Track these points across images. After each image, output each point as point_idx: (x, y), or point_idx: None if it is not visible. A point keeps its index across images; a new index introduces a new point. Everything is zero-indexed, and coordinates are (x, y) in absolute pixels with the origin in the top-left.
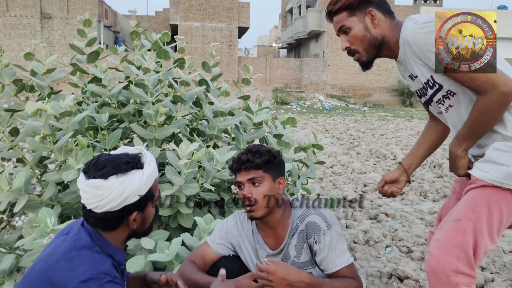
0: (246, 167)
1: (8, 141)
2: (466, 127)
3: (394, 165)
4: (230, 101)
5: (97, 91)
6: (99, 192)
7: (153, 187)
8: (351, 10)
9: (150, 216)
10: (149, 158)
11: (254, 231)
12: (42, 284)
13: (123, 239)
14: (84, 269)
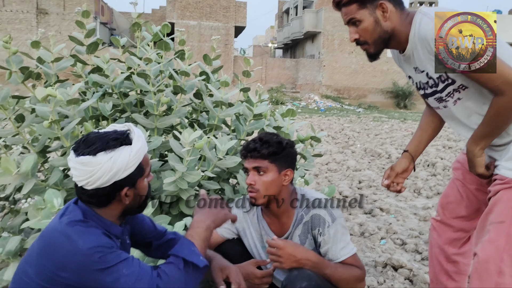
0: (253, 156)
1: (14, 127)
2: (483, 126)
3: (389, 164)
4: (230, 92)
5: (99, 81)
6: (88, 168)
7: (143, 162)
8: (361, 3)
9: (143, 191)
10: (137, 134)
11: (259, 217)
12: (45, 262)
13: (117, 214)
14: (83, 243)
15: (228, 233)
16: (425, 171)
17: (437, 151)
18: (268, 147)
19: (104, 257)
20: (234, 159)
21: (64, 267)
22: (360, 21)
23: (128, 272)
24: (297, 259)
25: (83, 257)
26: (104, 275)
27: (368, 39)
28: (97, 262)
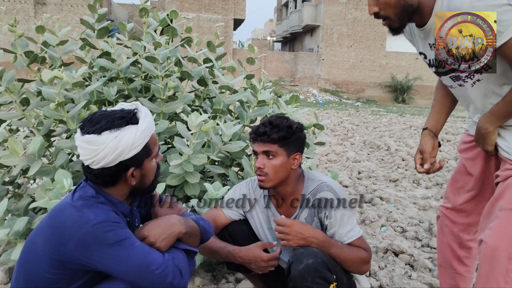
0: (262, 140)
1: (20, 110)
2: (505, 105)
3: (388, 155)
4: (235, 78)
5: (106, 66)
6: (93, 147)
7: (150, 142)
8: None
9: (150, 172)
10: (144, 113)
11: (266, 200)
12: (53, 231)
13: (124, 194)
14: (94, 216)
15: (235, 214)
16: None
17: None
18: (278, 132)
19: (115, 232)
20: (239, 144)
21: (70, 236)
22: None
23: (139, 244)
24: (304, 236)
25: (93, 229)
26: (115, 248)
27: (391, 13)
28: (108, 237)
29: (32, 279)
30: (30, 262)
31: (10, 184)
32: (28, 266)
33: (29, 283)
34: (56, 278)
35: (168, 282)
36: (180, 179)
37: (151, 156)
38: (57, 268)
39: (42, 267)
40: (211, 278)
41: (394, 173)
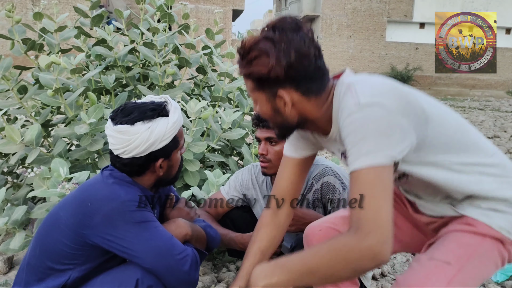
0: (265, 126)
1: (17, 98)
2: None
3: None
4: (234, 65)
5: (103, 53)
6: (125, 137)
7: (178, 134)
8: (258, 84)
9: (176, 163)
10: (174, 106)
11: (268, 185)
12: (80, 204)
13: (150, 184)
14: (125, 193)
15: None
16: None
17: None
18: None
19: (142, 213)
20: (238, 132)
21: (99, 210)
22: (255, 102)
23: (163, 228)
24: (307, 221)
25: (121, 205)
26: (141, 228)
27: (270, 122)
28: (135, 215)
29: (49, 253)
30: (49, 235)
31: (9, 174)
32: (47, 239)
33: (45, 256)
34: (74, 253)
35: (186, 270)
36: None
37: (178, 147)
38: (77, 243)
39: (62, 241)
40: (211, 267)
41: None
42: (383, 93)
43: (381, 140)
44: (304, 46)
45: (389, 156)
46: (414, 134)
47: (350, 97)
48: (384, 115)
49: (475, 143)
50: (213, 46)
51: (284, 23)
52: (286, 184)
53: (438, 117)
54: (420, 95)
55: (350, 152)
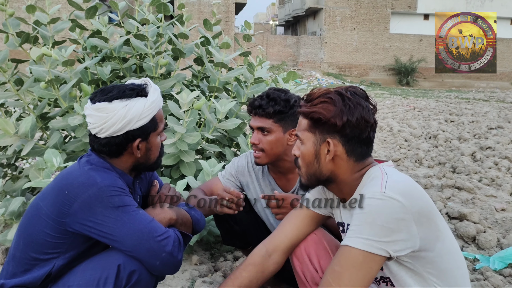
0: (257, 113)
1: (14, 90)
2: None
3: (390, 136)
4: (230, 55)
5: (98, 45)
6: (103, 114)
7: (157, 117)
8: (314, 124)
9: (155, 148)
10: (154, 87)
11: (265, 173)
12: (58, 193)
13: (128, 167)
14: (101, 179)
15: (232, 184)
16: (427, 143)
17: (439, 124)
18: (274, 105)
19: (120, 197)
20: (234, 121)
21: (76, 197)
22: (302, 142)
23: (142, 212)
24: None
25: (99, 191)
26: (119, 212)
27: (303, 167)
28: (113, 200)
29: (32, 244)
30: (31, 226)
31: (8, 166)
32: (29, 230)
33: (29, 247)
34: (56, 242)
35: (168, 251)
36: (175, 159)
37: (157, 131)
38: (58, 232)
39: (43, 231)
40: (209, 256)
41: (396, 153)
42: (410, 197)
43: (384, 232)
44: (367, 113)
45: (384, 251)
46: (418, 242)
47: (378, 183)
48: (398, 212)
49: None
50: (211, 37)
51: (356, 89)
52: (290, 230)
53: (450, 246)
54: (444, 222)
55: (352, 228)
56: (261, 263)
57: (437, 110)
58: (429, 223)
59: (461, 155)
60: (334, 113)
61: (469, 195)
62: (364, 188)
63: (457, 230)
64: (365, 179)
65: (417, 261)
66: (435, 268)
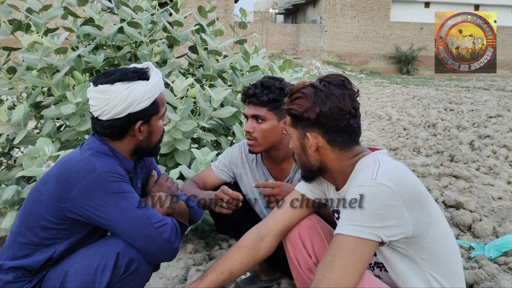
0: (251, 102)
1: (6, 78)
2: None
3: (389, 125)
4: (224, 42)
5: (92, 33)
6: (105, 96)
7: (159, 100)
8: (294, 121)
9: (157, 131)
10: (155, 71)
11: (259, 163)
12: (59, 178)
13: (130, 150)
14: (101, 165)
15: (225, 175)
16: (425, 132)
17: (438, 113)
18: (268, 94)
19: (119, 184)
20: (229, 109)
21: (76, 182)
22: (290, 136)
23: (140, 199)
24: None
25: (98, 177)
26: (118, 198)
27: (297, 160)
28: (112, 186)
29: (33, 229)
30: (32, 211)
31: (3, 155)
32: (30, 215)
33: (30, 232)
34: (57, 228)
35: (166, 238)
36: (170, 147)
37: (158, 114)
38: (58, 217)
39: (44, 217)
40: (204, 245)
41: (395, 141)
42: (400, 183)
43: (375, 219)
44: (341, 101)
45: (376, 235)
46: (411, 227)
47: (370, 170)
48: (389, 199)
49: (461, 280)
50: (205, 25)
51: (332, 79)
52: (284, 215)
53: (443, 231)
54: (437, 208)
55: (343, 216)
56: (253, 246)
57: (437, 98)
58: (421, 209)
59: (459, 144)
60: (307, 107)
61: (466, 183)
62: (356, 177)
63: (453, 219)
64: (357, 167)
65: (410, 246)
66: (428, 254)
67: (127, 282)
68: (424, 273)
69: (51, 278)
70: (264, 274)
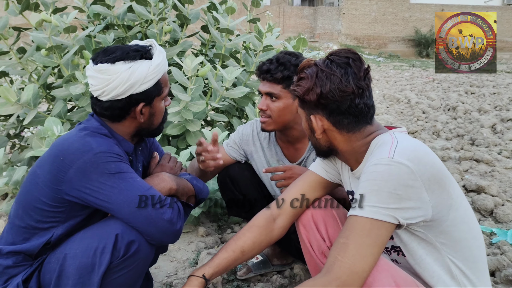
0: (265, 78)
1: (16, 58)
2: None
3: (408, 108)
4: (236, 20)
5: (102, 12)
6: (105, 76)
7: (161, 80)
8: (301, 102)
9: (159, 113)
10: (159, 49)
11: (272, 141)
12: (54, 159)
13: (131, 132)
14: (97, 145)
15: (235, 152)
16: (445, 115)
17: (459, 96)
18: (283, 70)
19: (116, 163)
20: (241, 89)
21: (71, 163)
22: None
23: (140, 179)
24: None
25: (94, 157)
26: (116, 179)
27: (310, 139)
28: (109, 166)
29: (30, 212)
30: (29, 194)
31: (15, 137)
32: (27, 198)
33: (27, 216)
34: (54, 211)
35: (166, 219)
36: (180, 128)
37: (161, 95)
38: (55, 200)
39: (41, 199)
40: (216, 228)
41: (414, 125)
42: (420, 162)
43: (392, 199)
44: (343, 82)
45: (393, 217)
46: (430, 210)
47: (387, 148)
48: (407, 179)
49: (483, 267)
50: (217, 3)
51: (337, 56)
52: (296, 192)
53: (464, 215)
54: (459, 190)
55: (358, 197)
56: (266, 225)
57: (457, 82)
58: (441, 191)
59: (480, 127)
60: (307, 89)
61: (488, 167)
62: (372, 155)
63: (474, 203)
64: (373, 145)
65: (429, 230)
66: (449, 238)
67: (128, 264)
68: (444, 259)
69: (51, 261)
70: (276, 259)
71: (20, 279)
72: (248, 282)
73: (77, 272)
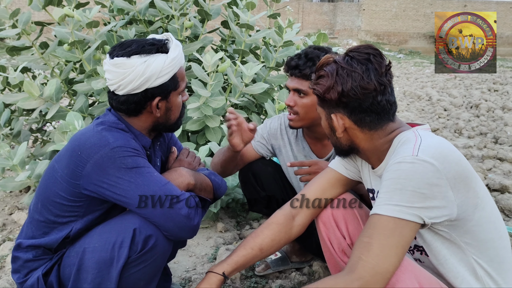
0: (294, 74)
1: (38, 53)
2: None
3: (429, 105)
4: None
5: (124, 7)
6: (121, 70)
7: (178, 75)
8: (320, 100)
9: (176, 107)
10: (175, 43)
11: (299, 137)
12: (72, 154)
13: (147, 127)
14: (114, 139)
15: (263, 148)
16: (467, 113)
17: (481, 94)
18: (311, 66)
19: (133, 158)
20: (260, 85)
21: (88, 158)
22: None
23: (157, 174)
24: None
25: (111, 152)
26: (133, 173)
27: (330, 138)
28: (126, 161)
29: (49, 207)
30: (48, 189)
31: (38, 131)
32: (46, 193)
33: (46, 210)
34: (72, 205)
35: (184, 214)
36: (200, 124)
37: (178, 90)
38: (73, 194)
39: (59, 194)
40: (234, 224)
41: (435, 122)
42: (445, 160)
43: (416, 198)
44: (364, 79)
45: (417, 217)
46: (456, 209)
47: (411, 146)
48: (432, 177)
49: (509, 267)
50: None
51: (357, 53)
52: (315, 190)
53: (490, 214)
54: (485, 189)
55: (381, 195)
56: (285, 223)
57: (480, 79)
58: (467, 190)
59: (504, 125)
60: (328, 87)
61: None
62: (395, 153)
63: (498, 203)
64: (396, 143)
65: (454, 230)
66: (474, 239)
67: (146, 258)
68: (469, 259)
69: (70, 255)
70: (295, 256)
71: (40, 272)
72: (267, 278)
73: (96, 266)
